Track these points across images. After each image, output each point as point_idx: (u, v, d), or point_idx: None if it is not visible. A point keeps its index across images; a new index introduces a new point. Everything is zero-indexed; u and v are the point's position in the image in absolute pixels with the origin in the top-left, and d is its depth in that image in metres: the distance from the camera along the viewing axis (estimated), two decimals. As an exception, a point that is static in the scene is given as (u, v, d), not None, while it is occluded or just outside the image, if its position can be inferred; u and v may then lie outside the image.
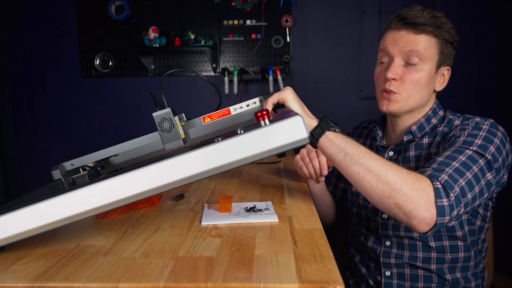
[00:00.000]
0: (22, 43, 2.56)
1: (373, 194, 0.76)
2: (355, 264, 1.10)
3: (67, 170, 0.99)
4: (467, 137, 0.85)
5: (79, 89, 2.58)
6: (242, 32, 2.46)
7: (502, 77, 2.41)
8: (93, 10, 2.48)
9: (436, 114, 0.98)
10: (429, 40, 0.91)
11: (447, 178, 0.75)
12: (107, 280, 0.53)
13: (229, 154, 0.60)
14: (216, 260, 0.59)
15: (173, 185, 0.62)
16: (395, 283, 0.98)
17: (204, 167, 0.60)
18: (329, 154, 0.79)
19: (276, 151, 0.60)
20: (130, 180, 0.61)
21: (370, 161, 0.75)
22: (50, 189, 0.92)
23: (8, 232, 0.62)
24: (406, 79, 0.92)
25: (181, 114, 1.04)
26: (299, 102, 0.83)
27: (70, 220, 0.62)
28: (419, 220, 0.72)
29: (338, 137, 0.78)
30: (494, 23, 2.37)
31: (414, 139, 0.97)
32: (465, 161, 0.80)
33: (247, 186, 1.09)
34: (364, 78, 2.50)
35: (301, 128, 0.59)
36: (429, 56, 0.91)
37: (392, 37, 0.94)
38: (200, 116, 1.01)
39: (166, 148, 0.97)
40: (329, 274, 0.54)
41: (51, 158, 2.64)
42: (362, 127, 1.19)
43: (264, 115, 0.61)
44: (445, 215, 0.72)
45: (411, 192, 0.72)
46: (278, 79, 2.36)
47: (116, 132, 2.61)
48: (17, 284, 0.53)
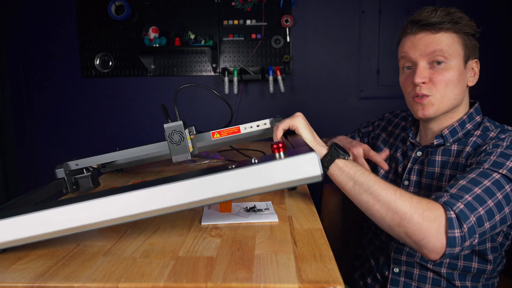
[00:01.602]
0: (22, 43, 2.56)
1: (383, 222, 0.75)
2: (366, 255, 1.10)
3: (71, 170, 0.99)
4: (498, 157, 0.79)
5: (79, 89, 2.58)
6: (242, 32, 2.46)
7: (504, 75, 2.41)
8: (93, 10, 2.48)
9: (472, 119, 0.93)
10: (449, 37, 0.88)
11: (462, 208, 0.72)
12: (107, 280, 0.53)
13: (240, 183, 0.59)
14: (216, 260, 0.59)
15: (177, 208, 0.61)
16: (402, 281, 0.97)
17: (213, 193, 0.60)
18: (339, 182, 0.79)
19: (287, 185, 0.59)
20: (140, 198, 0.60)
21: (380, 189, 0.74)
22: (53, 188, 0.93)
23: (19, 234, 0.62)
24: (436, 80, 0.88)
25: (191, 127, 1.04)
26: (310, 130, 0.83)
27: (81, 229, 0.62)
28: (430, 249, 0.71)
29: (348, 165, 0.78)
30: (494, 23, 2.37)
31: (445, 143, 0.93)
32: (489, 186, 0.75)
33: (247, 186, 1.09)
34: (364, 78, 2.50)
35: (315, 165, 0.59)
36: (454, 52, 0.88)
37: (411, 42, 0.91)
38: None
39: (174, 160, 0.97)
40: (329, 274, 0.54)
41: (51, 158, 2.64)
42: (402, 117, 1.15)
43: (280, 147, 0.60)
44: (455, 246, 0.70)
45: (421, 222, 0.70)
46: (278, 79, 2.36)
47: (116, 132, 2.62)
48: (17, 284, 0.53)
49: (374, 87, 2.50)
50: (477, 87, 0.98)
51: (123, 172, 1.28)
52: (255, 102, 2.56)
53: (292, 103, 2.55)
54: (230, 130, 1.02)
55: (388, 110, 1.25)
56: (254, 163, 0.60)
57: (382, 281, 1.02)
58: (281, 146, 0.60)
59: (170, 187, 0.60)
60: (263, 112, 2.56)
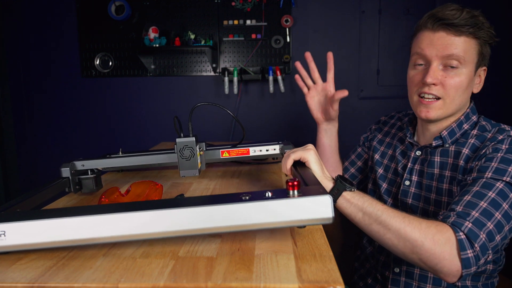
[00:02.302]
0: (22, 43, 2.56)
1: (396, 250, 0.75)
2: (366, 256, 1.10)
3: (77, 170, 0.99)
4: (500, 163, 0.78)
5: (79, 89, 2.58)
6: (242, 32, 2.46)
7: (504, 76, 2.41)
8: (93, 10, 2.48)
9: (469, 119, 0.93)
10: (468, 42, 0.85)
11: (470, 226, 0.71)
12: (107, 280, 0.53)
13: (251, 216, 0.59)
14: (216, 260, 0.59)
15: (178, 234, 0.60)
16: (403, 281, 0.97)
17: (221, 223, 0.59)
18: (348, 213, 0.79)
19: (297, 224, 0.59)
20: (139, 219, 0.59)
21: (389, 218, 0.74)
22: (58, 187, 0.93)
23: (34, 239, 0.60)
24: (447, 84, 0.87)
25: (202, 144, 1.05)
26: (320, 165, 0.82)
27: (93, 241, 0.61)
28: (445, 273, 0.71)
29: (355, 196, 0.78)
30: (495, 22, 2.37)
31: (444, 144, 0.93)
32: (494, 198, 0.75)
33: (247, 186, 1.09)
34: (364, 78, 2.50)
35: (328, 208, 0.58)
36: (469, 59, 0.86)
37: (429, 40, 0.87)
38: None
39: (181, 175, 0.98)
40: (329, 274, 0.54)
41: (51, 158, 2.64)
42: (396, 118, 1.15)
43: (295, 185, 0.60)
44: (470, 267, 0.70)
45: (433, 247, 0.70)
46: (278, 79, 2.36)
47: (116, 132, 2.62)
48: (17, 284, 0.53)
49: (374, 87, 2.50)
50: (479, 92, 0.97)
51: (124, 172, 1.28)
52: (255, 102, 2.56)
53: (292, 103, 2.55)
54: (239, 151, 1.05)
55: (388, 110, 1.25)
56: (268, 198, 0.59)
57: (383, 281, 1.01)
58: (296, 184, 0.60)
59: (173, 212, 0.59)
60: (263, 112, 2.56)
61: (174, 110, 2.58)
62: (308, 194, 0.59)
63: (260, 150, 1.04)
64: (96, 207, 0.65)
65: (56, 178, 0.96)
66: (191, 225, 0.59)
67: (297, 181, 0.60)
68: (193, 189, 1.05)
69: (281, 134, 2.54)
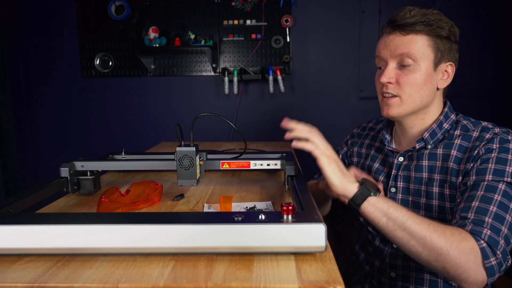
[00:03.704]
0: (22, 43, 2.56)
1: (420, 258, 0.74)
2: (360, 262, 1.09)
3: (76, 170, 0.99)
4: (496, 164, 0.80)
5: (79, 89, 2.59)
6: (242, 32, 2.46)
7: (504, 76, 2.41)
8: (93, 10, 2.48)
9: (448, 118, 0.94)
10: (420, 39, 0.88)
11: (490, 234, 0.71)
12: (107, 280, 0.53)
13: (242, 238, 0.57)
14: (216, 260, 0.59)
15: (161, 250, 0.59)
16: (400, 285, 0.97)
17: (209, 243, 0.57)
18: (372, 218, 0.78)
19: (287, 250, 0.58)
20: (134, 233, 0.58)
21: (414, 225, 0.73)
22: (55, 187, 0.93)
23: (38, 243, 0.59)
24: (402, 82, 0.90)
25: (203, 153, 1.04)
26: (340, 171, 0.79)
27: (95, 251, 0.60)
28: (470, 283, 0.71)
29: (380, 201, 0.77)
30: (495, 22, 2.37)
31: (427, 146, 0.93)
32: (501, 201, 0.76)
33: (247, 186, 1.09)
34: (364, 78, 2.50)
35: (321, 237, 0.57)
36: (423, 55, 0.88)
37: (384, 42, 0.92)
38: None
39: (179, 184, 0.97)
40: (329, 274, 0.54)
41: (51, 158, 2.64)
42: (369, 128, 1.15)
43: (289, 210, 0.59)
44: (494, 274, 0.70)
45: (458, 256, 0.69)
46: (278, 79, 2.36)
47: (116, 132, 2.62)
48: (17, 284, 0.53)
49: (374, 87, 2.49)
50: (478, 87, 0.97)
51: (124, 172, 1.28)
52: (255, 102, 2.56)
53: (292, 103, 2.55)
54: (240, 164, 1.03)
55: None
56: (260, 220, 0.58)
57: (379, 286, 1.01)
58: (291, 209, 0.58)
59: (157, 228, 0.58)
60: (263, 112, 2.57)
61: (174, 110, 2.58)
62: (302, 220, 0.58)
63: (261, 164, 1.01)
64: (89, 215, 0.64)
65: (55, 178, 0.96)
66: (177, 243, 0.58)
67: (292, 205, 0.59)
68: (193, 190, 1.05)
69: (281, 134, 2.54)
